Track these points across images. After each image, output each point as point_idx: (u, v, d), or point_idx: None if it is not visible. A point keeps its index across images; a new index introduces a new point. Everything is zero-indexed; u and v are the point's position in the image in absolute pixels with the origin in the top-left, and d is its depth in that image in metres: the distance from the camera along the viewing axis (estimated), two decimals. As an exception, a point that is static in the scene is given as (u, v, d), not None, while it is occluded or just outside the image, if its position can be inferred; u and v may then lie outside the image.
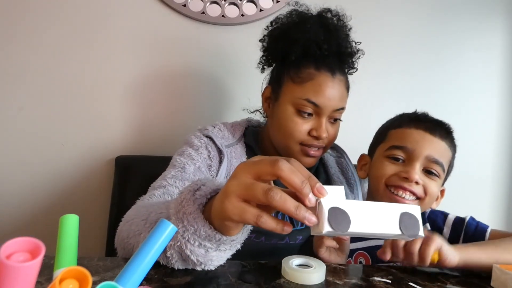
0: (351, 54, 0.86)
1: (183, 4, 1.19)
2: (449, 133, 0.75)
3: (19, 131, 1.17)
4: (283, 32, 0.85)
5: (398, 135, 0.76)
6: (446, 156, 0.73)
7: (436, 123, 0.76)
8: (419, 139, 0.72)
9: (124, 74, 1.20)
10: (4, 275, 0.28)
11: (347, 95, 0.86)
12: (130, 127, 1.22)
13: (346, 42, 0.85)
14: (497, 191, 1.40)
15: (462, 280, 0.61)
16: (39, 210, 1.19)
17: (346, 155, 1.00)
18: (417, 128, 0.74)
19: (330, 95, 0.80)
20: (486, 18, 1.35)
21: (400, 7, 1.31)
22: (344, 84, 0.84)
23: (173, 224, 0.40)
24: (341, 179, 0.95)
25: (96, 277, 0.51)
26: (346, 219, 0.44)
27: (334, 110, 0.82)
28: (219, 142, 0.84)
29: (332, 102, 0.81)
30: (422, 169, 0.72)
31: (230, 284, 0.53)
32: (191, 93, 1.24)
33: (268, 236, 0.83)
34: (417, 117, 0.78)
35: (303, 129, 0.81)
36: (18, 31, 1.15)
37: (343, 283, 0.56)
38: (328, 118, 0.83)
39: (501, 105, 1.38)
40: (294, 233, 0.85)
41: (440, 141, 0.73)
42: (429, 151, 0.71)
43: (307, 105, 0.80)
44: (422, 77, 1.34)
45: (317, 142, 0.82)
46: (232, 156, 0.85)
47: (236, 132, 0.91)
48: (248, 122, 0.98)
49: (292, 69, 0.83)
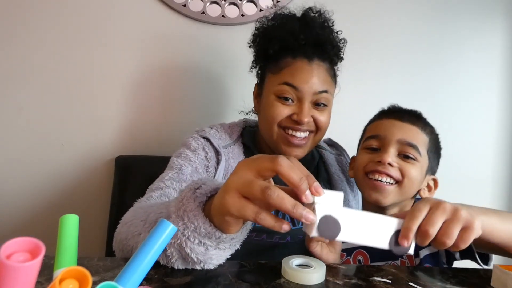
0: (331, 42, 0.85)
1: (183, 4, 1.19)
2: (419, 118, 0.78)
3: (19, 131, 1.17)
4: (263, 32, 0.88)
5: (372, 128, 0.81)
6: (419, 139, 0.75)
7: (405, 111, 0.80)
8: (390, 126, 0.76)
9: (124, 74, 1.20)
10: (4, 275, 0.28)
11: (331, 81, 0.86)
12: (130, 127, 1.22)
13: (324, 31, 0.85)
14: (497, 191, 1.40)
15: (462, 280, 0.61)
16: (39, 210, 1.19)
17: (346, 153, 1.01)
18: (387, 118, 0.79)
19: (308, 77, 0.81)
20: (486, 18, 1.35)
21: (400, 7, 1.31)
22: (325, 69, 0.84)
23: (173, 224, 0.40)
24: (342, 177, 0.96)
25: (96, 277, 0.51)
26: (337, 227, 0.45)
27: (315, 93, 0.81)
28: (216, 143, 0.85)
29: (311, 84, 0.81)
30: (398, 154, 0.74)
31: (230, 284, 0.53)
32: (191, 93, 1.24)
33: (269, 234, 0.83)
34: (389, 109, 0.83)
35: (283, 112, 0.82)
36: (18, 31, 1.15)
37: (343, 283, 0.56)
38: (312, 104, 0.83)
39: (501, 105, 1.38)
40: (295, 232, 0.85)
41: (410, 125, 0.76)
42: (400, 135, 0.74)
43: (286, 89, 0.81)
44: (422, 77, 1.34)
45: (300, 127, 0.82)
46: (230, 157, 0.86)
47: (233, 133, 0.92)
48: (245, 122, 0.99)
49: (271, 62, 0.86)
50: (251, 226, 0.56)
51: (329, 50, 0.85)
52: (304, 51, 0.82)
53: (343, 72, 1.29)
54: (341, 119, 1.31)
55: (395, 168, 0.73)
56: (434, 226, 0.47)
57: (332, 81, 0.86)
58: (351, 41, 1.31)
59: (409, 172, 0.73)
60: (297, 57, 0.82)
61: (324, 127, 0.86)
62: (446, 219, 0.48)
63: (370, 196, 0.74)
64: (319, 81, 0.82)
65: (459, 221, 0.47)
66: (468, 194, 1.37)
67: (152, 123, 1.23)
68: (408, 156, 0.73)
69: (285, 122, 0.83)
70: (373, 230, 0.47)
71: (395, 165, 0.73)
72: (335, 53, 0.88)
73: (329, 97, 0.84)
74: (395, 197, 0.74)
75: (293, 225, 0.85)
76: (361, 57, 1.30)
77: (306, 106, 0.81)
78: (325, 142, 1.06)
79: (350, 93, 1.30)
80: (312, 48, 0.83)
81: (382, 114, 0.82)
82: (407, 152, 0.73)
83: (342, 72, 1.29)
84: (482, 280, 0.61)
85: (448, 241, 0.47)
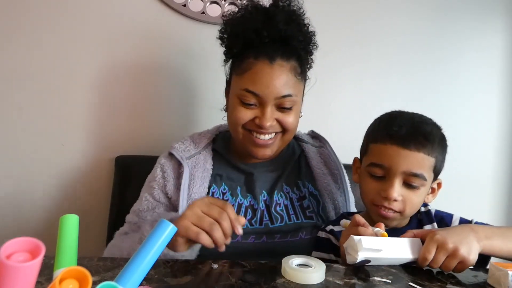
0: (297, 37, 0.82)
1: (183, 4, 1.19)
2: (427, 139, 0.72)
3: (19, 131, 1.17)
4: (230, 27, 0.86)
5: (376, 152, 0.76)
6: (425, 165, 0.72)
7: (411, 132, 0.72)
8: (394, 155, 0.72)
9: (124, 74, 1.20)
10: (4, 275, 0.28)
11: (296, 81, 0.83)
12: (130, 127, 1.21)
13: (289, 26, 0.81)
14: (497, 191, 1.40)
15: (462, 280, 0.61)
16: (39, 210, 1.18)
17: (329, 145, 0.98)
18: (392, 144, 0.73)
19: (269, 82, 0.79)
20: (486, 19, 1.35)
21: (400, 7, 1.31)
22: (289, 70, 0.81)
23: (173, 224, 0.40)
24: (324, 171, 0.94)
25: (96, 277, 0.51)
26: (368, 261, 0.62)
27: (277, 97, 0.80)
28: (178, 155, 0.87)
29: (272, 89, 0.79)
30: (402, 183, 0.73)
31: (230, 284, 0.53)
32: (191, 93, 1.24)
33: (269, 235, 0.84)
34: (391, 128, 0.74)
35: (246, 116, 0.81)
36: (18, 31, 1.15)
37: (343, 283, 0.56)
38: (276, 107, 0.82)
39: (501, 105, 1.38)
40: (272, 232, 0.84)
41: (416, 153, 0.71)
42: (405, 166, 0.71)
43: (247, 95, 0.80)
44: (422, 77, 1.34)
45: (263, 131, 0.81)
46: (194, 165, 0.87)
47: (201, 141, 0.92)
48: (219, 127, 0.99)
49: (236, 62, 0.85)
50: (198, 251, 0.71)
51: (295, 46, 0.83)
52: (266, 51, 0.80)
53: (343, 72, 1.30)
54: (341, 119, 1.32)
55: (398, 202, 0.73)
56: (438, 264, 0.62)
57: (298, 80, 0.83)
58: (352, 41, 1.32)
59: (412, 200, 0.73)
60: (259, 57, 0.80)
61: (291, 127, 0.84)
62: (448, 255, 0.61)
63: (376, 220, 0.75)
64: (280, 85, 0.79)
65: (457, 258, 0.61)
66: (468, 194, 1.37)
67: (152, 123, 1.22)
68: (412, 186, 0.72)
69: (249, 125, 0.83)
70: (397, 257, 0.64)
71: (399, 199, 0.72)
72: (302, 47, 0.85)
73: (294, 99, 0.82)
74: (399, 220, 0.77)
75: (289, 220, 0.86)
76: (361, 57, 1.30)
77: (268, 110, 0.80)
78: (307, 134, 1.04)
79: (350, 93, 1.31)
80: (275, 46, 0.81)
81: (385, 137, 0.74)
82: (412, 182, 0.72)
83: (342, 72, 1.30)
84: (482, 279, 0.62)
85: (447, 271, 0.63)
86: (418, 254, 0.63)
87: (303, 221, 0.86)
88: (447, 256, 0.61)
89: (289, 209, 0.87)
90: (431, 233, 0.64)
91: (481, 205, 1.40)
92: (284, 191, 0.89)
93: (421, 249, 0.63)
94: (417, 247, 0.65)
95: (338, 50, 1.28)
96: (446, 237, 0.62)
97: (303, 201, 0.89)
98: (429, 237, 0.63)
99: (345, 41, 1.29)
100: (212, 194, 0.85)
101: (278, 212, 0.86)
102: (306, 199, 0.89)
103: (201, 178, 0.85)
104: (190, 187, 0.83)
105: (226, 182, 0.88)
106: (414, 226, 0.78)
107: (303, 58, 0.86)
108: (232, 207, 0.65)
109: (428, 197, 0.78)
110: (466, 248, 0.61)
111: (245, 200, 0.87)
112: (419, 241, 0.65)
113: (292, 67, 0.82)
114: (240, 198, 0.86)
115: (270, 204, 0.86)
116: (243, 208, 0.85)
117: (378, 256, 0.61)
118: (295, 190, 0.90)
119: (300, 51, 0.84)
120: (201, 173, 0.85)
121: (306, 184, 0.92)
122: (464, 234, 0.63)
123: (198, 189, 0.83)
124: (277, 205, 0.87)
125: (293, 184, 0.91)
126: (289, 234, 0.84)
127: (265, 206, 0.87)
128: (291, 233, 0.84)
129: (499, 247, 0.65)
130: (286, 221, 0.85)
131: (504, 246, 0.66)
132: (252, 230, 0.83)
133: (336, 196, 0.91)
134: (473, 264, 0.62)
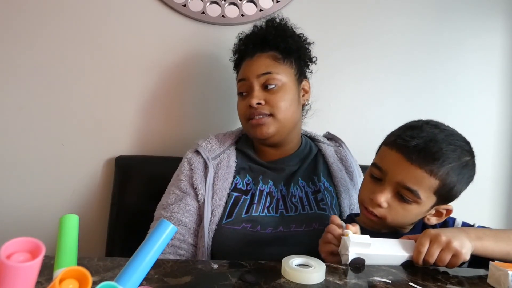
0: (271, 34, 0.95)
1: (183, 4, 1.19)
2: (435, 159, 0.68)
3: (19, 131, 1.17)
4: (237, 46, 1.03)
5: (382, 154, 0.75)
6: (424, 184, 0.69)
7: (420, 147, 0.69)
8: (395, 163, 0.71)
9: (123, 74, 1.20)
10: (4, 275, 0.28)
11: (276, 63, 0.93)
12: (130, 127, 1.21)
13: (268, 29, 0.97)
14: (497, 191, 1.40)
15: (462, 280, 0.61)
16: (39, 210, 1.19)
17: (345, 145, 1.05)
18: (397, 151, 0.71)
19: (250, 66, 0.94)
20: (486, 18, 1.35)
21: (400, 7, 1.31)
22: (267, 56, 0.94)
23: (173, 225, 0.40)
24: (341, 167, 1.00)
25: (96, 277, 0.51)
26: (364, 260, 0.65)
27: (258, 75, 0.92)
28: (205, 155, 0.95)
29: (252, 70, 0.93)
30: (396, 192, 0.71)
31: (230, 284, 0.53)
32: (191, 93, 1.24)
33: (263, 225, 0.86)
34: (403, 137, 0.72)
35: (242, 105, 0.94)
36: (17, 31, 1.15)
37: (343, 283, 0.56)
38: (262, 87, 0.92)
39: (501, 105, 1.38)
40: (287, 221, 0.88)
41: (416, 168, 0.68)
42: (401, 177, 0.69)
43: (239, 85, 0.96)
44: (422, 77, 1.33)
45: (253, 111, 0.91)
46: (218, 164, 0.95)
47: (226, 141, 1.00)
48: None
49: (237, 71, 1.03)
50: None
51: (270, 41, 0.94)
52: (250, 51, 0.96)
53: (343, 72, 1.30)
54: (341, 119, 1.32)
55: (383, 208, 0.71)
56: (433, 257, 0.64)
57: (278, 63, 0.93)
58: (352, 41, 1.32)
59: (397, 212, 0.71)
60: (246, 58, 0.96)
61: (279, 106, 0.91)
62: (442, 249, 0.64)
63: (364, 219, 0.77)
64: (259, 65, 0.93)
65: (450, 250, 0.63)
66: (468, 194, 1.36)
67: (152, 123, 1.22)
68: (404, 198, 0.70)
69: (246, 112, 0.93)
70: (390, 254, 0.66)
71: (385, 206, 0.71)
72: (281, 40, 0.95)
73: (275, 77, 0.91)
74: (381, 226, 0.75)
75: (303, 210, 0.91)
76: (361, 57, 1.30)
77: (255, 90, 0.92)
78: (324, 136, 1.10)
79: (350, 93, 1.31)
80: (256, 46, 0.95)
81: (395, 142, 0.72)
82: (404, 195, 0.70)
83: (342, 72, 1.30)
84: (482, 280, 0.62)
85: (441, 265, 0.65)
86: (413, 252, 0.65)
87: (316, 211, 0.90)
88: (441, 249, 0.63)
89: (304, 201, 0.92)
90: (425, 230, 0.66)
91: (481, 205, 1.40)
92: (300, 185, 0.95)
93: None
94: (411, 246, 0.66)
95: (338, 50, 1.28)
96: (439, 232, 0.65)
97: (317, 194, 0.93)
98: (422, 233, 0.66)
99: (345, 41, 1.29)
100: (235, 185, 0.92)
101: (293, 203, 0.91)
102: (321, 192, 0.94)
103: (224, 175, 0.92)
104: (214, 184, 0.91)
105: (250, 174, 0.95)
106: (418, 231, 0.74)
107: (281, 49, 0.95)
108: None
109: (430, 218, 0.75)
110: (459, 242, 0.63)
111: (266, 186, 0.93)
112: (413, 242, 0.67)
113: (270, 55, 0.94)
114: (261, 185, 0.93)
115: (286, 195, 0.93)
116: (264, 194, 0.92)
117: (370, 252, 0.63)
118: (310, 184, 0.95)
119: (279, 43, 0.95)
120: (224, 170, 0.93)
121: (321, 179, 0.96)
122: (456, 232, 0.66)
123: (222, 185, 0.91)
124: (293, 197, 0.93)
125: (309, 179, 0.96)
126: (303, 224, 0.88)
127: (281, 196, 0.93)
128: (305, 223, 0.88)
129: (492, 247, 0.67)
130: (300, 211, 0.90)
131: (497, 247, 0.67)
132: (268, 218, 0.88)
133: (352, 192, 0.96)
134: (466, 259, 0.64)
